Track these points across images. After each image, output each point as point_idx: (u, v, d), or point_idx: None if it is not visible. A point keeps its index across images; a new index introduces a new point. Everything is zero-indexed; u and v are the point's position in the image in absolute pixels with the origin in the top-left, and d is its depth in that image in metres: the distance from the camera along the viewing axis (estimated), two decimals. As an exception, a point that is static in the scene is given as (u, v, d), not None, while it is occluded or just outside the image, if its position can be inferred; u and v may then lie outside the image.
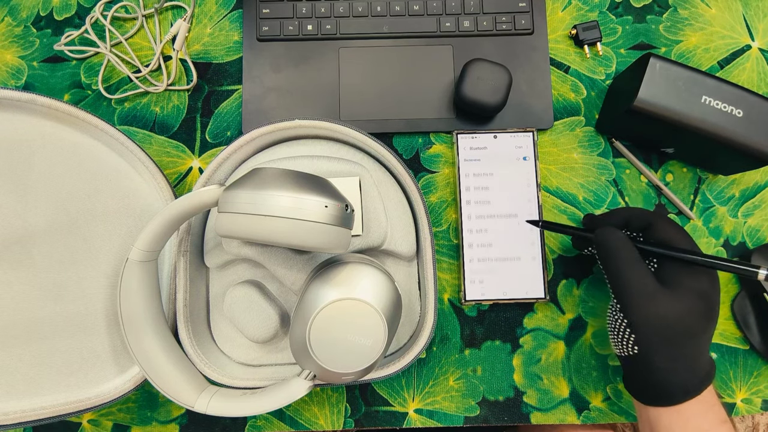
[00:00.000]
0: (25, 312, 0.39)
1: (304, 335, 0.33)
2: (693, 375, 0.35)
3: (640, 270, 0.36)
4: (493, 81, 0.46)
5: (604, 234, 0.38)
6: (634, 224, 0.40)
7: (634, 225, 0.40)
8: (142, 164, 0.42)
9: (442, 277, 0.48)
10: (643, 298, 0.35)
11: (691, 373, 0.35)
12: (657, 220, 0.38)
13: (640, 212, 0.40)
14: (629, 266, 0.36)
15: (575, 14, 0.52)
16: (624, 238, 0.37)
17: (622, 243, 0.37)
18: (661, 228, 0.38)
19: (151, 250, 0.37)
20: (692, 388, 0.35)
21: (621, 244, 0.37)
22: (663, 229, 0.38)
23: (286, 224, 0.30)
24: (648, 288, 0.35)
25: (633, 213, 0.40)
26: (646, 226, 0.39)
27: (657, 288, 0.35)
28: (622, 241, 0.37)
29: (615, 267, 0.37)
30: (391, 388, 0.46)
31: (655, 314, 0.35)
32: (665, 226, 0.38)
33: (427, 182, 0.49)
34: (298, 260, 0.40)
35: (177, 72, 0.50)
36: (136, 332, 0.37)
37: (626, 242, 0.37)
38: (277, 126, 0.42)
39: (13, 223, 0.39)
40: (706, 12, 0.52)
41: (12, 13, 0.51)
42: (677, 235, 0.37)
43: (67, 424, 0.46)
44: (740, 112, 0.42)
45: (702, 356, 0.36)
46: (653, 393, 0.37)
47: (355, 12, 0.50)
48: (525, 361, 0.47)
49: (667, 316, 0.34)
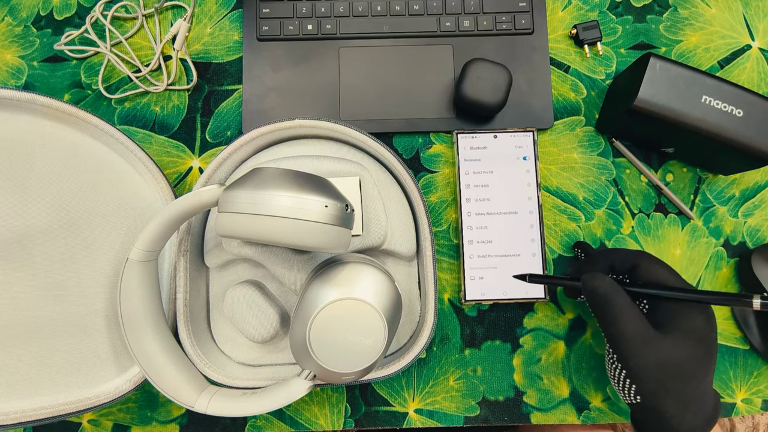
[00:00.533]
0: (25, 312, 0.39)
1: (304, 335, 0.33)
2: (700, 416, 0.34)
3: (633, 317, 0.34)
4: (493, 81, 0.46)
5: (592, 282, 0.36)
6: (619, 267, 0.39)
7: (619, 267, 0.39)
8: (142, 164, 0.42)
9: (442, 277, 0.48)
10: (640, 347, 0.34)
11: (699, 415, 0.34)
12: (641, 260, 0.37)
13: (624, 254, 0.39)
14: (621, 314, 0.34)
15: (575, 14, 0.52)
16: (612, 284, 0.36)
17: (611, 289, 0.35)
18: (646, 268, 0.37)
19: (151, 250, 0.37)
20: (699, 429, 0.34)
21: (610, 291, 0.35)
22: (649, 268, 0.37)
23: (286, 224, 0.30)
24: (644, 335, 0.34)
25: (617, 255, 0.39)
26: (632, 268, 0.38)
27: (653, 334, 0.34)
28: (611, 287, 0.35)
29: (607, 315, 0.35)
30: (391, 388, 0.46)
31: (653, 363, 0.33)
32: (651, 266, 0.37)
33: (427, 182, 0.49)
34: (298, 260, 0.40)
35: (177, 72, 0.50)
36: (136, 332, 0.37)
37: (615, 288, 0.35)
38: (277, 126, 0.42)
39: (13, 223, 0.39)
40: (706, 12, 0.52)
41: (12, 13, 0.51)
42: (664, 273, 0.36)
43: (67, 424, 0.46)
44: (740, 112, 0.42)
45: (707, 395, 0.35)
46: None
47: (355, 12, 0.50)
48: (525, 361, 0.47)
49: (666, 363, 0.33)
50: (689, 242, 0.48)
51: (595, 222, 0.48)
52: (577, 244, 0.47)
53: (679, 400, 0.34)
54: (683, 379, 0.33)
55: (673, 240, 0.48)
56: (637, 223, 0.48)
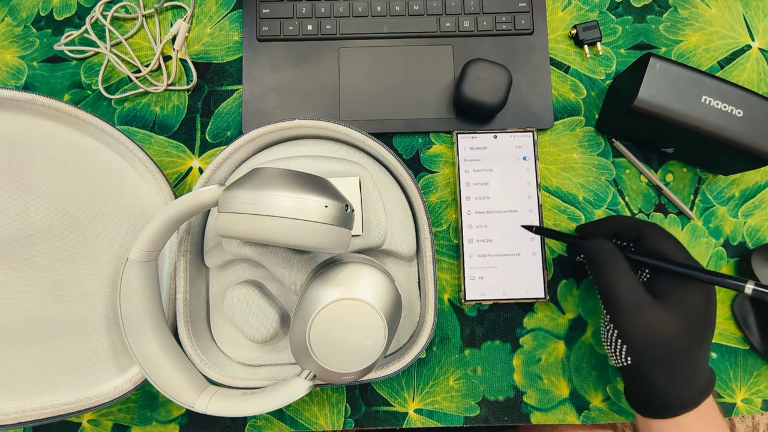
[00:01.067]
0: (25, 312, 0.39)
1: (304, 335, 0.33)
2: (690, 388, 0.35)
3: (630, 282, 0.35)
4: (493, 81, 0.46)
5: (594, 245, 0.37)
6: (626, 234, 0.39)
7: (625, 235, 0.39)
8: (142, 164, 0.42)
9: (442, 277, 0.48)
10: (632, 310, 0.34)
11: (689, 386, 0.35)
12: (649, 230, 0.38)
13: (631, 222, 0.39)
14: (618, 277, 0.35)
15: (575, 14, 0.52)
16: (613, 249, 0.37)
17: (611, 254, 0.36)
18: (652, 239, 0.37)
19: (151, 250, 0.37)
20: (690, 401, 0.35)
21: (610, 255, 0.36)
22: (655, 240, 0.37)
23: (286, 224, 0.30)
24: (637, 299, 0.35)
25: (625, 223, 0.39)
26: (638, 237, 0.38)
27: (647, 300, 0.35)
28: (612, 252, 0.36)
29: (604, 278, 0.36)
30: (391, 388, 0.46)
31: (644, 326, 0.34)
32: (657, 237, 0.37)
33: (427, 182, 0.49)
34: (298, 260, 0.40)
35: (177, 72, 0.50)
36: (136, 332, 0.37)
37: (616, 253, 0.36)
38: (277, 126, 0.42)
39: (13, 223, 0.39)
40: (706, 12, 0.52)
41: (12, 13, 0.51)
42: (670, 246, 0.37)
43: (67, 424, 0.46)
44: (740, 112, 0.42)
45: (699, 368, 0.35)
46: (652, 405, 0.36)
47: (355, 12, 0.50)
48: (525, 361, 0.47)
49: (658, 329, 0.34)
50: (689, 242, 0.48)
51: (595, 222, 0.48)
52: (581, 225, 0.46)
53: (667, 369, 0.34)
54: (672, 349, 0.34)
55: (673, 240, 0.48)
56: (637, 223, 0.48)
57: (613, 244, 0.37)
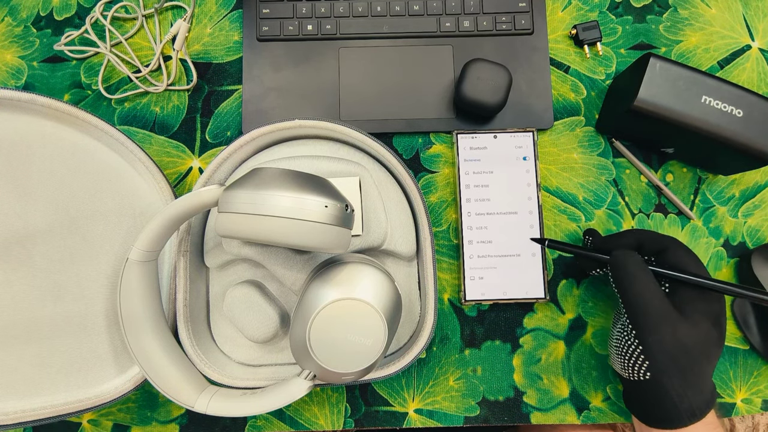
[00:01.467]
0: (25, 312, 0.39)
1: (304, 335, 0.33)
2: (699, 399, 0.35)
3: (659, 296, 0.36)
4: (493, 81, 0.46)
5: (622, 257, 0.38)
6: (648, 247, 0.39)
7: (647, 248, 0.39)
8: (142, 164, 0.42)
9: (442, 277, 0.48)
10: (661, 324, 0.35)
11: (698, 396, 0.35)
12: (671, 244, 0.38)
13: (654, 236, 0.40)
14: (648, 291, 0.36)
15: (575, 14, 0.52)
16: (642, 262, 0.37)
17: (640, 267, 0.37)
18: (674, 253, 0.38)
19: (151, 250, 0.37)
20: (698, 412, 0.35)
21: (639, 268, 0.37)
22: (677, 254, 0.38)
23: (286, 224, 0.30)
24: (666, 314, 0.35)
25: (647, 236, 0.40)
26: (661, 251, 0.39)
27: (674, 314, 0.35)
28: (641, 265, 0.37)
29: (633, 291, 0.36)
30: (391, 388, 0.46)
31: (673, 341, 0.35)
32: (679, 252, 0.38)
33: (427, 182, 0.49)
34: (298, 260, 0.40)
35: (177, 72, 0.50)
36: (136, 332, 0.37)
37: (644, 266, 0.37)
38: (277, 126, 0.42)
39: (13, 223, 0.39)
40: (706, 12, 0.52)
41: (12, 13, 0.51)
42: (691, 261, 0.37)
43: (67, 424, 0.46)
44: (740, 112, 0.42)
45: (707, 378, 0.36)
46: (659, 416, 0.36)
47: (355, 12, 0.50)
48: (525, 361, 0.47)
49: (685, 342, 0.34)
50: (689, 242, 0.48)
51: (595, 222, 0.48)
52: (588, 231, 0.46)
53: (686, 378, 0.35)
54: (695, 359, 0.35)
55: (673, 240, 0.48)
56: (637, 223, 0.48)
57: (640, 257, 0.38)
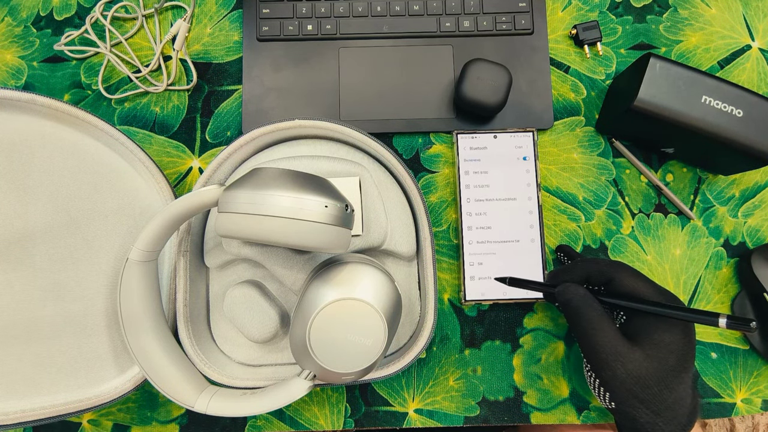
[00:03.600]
0: (25, 312, 0.39)
1: (304, 335, 0.33)
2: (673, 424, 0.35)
3: (606, 329, 0.35)
4: (493, 81, 0.46)
5: (566, 292, 0.37)
6: (595, 279, 0.39)
7: (595, 280, 0.39)
8: (142, 164, 0.42)
9: (442, 277, 0.48)
10: (611, 359, 0.34)
11: (671, 423, 0.35)
12: (617, 273, 0.37)
13: (600, 265, 0.39)
14: (594, 325, 0.35)
15: (575, 14, 0.52)
16: (585, 296, 0.36)
17: (584, 301, 0.36)
18: (622, 281, 0.37)
19: (151, 250, 0.37)
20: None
21: (583, 302, 0.36)
22: (625, 281, 0.37)
23: (286, 224, 0.30)
24: (616, 348, 0.34)
25: (592, 268, 0.39)
26: (608, 281, 0.38)
27: (625, 347, 0.34)
28: (584, 299, 0.36)
29: (579, 327, 0.36)
30: (391, 388, 0.46)
31: (624, 374, 0.34)
32: (627, 279, 0.37)
33: (427, 182, 0.49)
34: (298, 260, 0.40)
35: (177, 72, 0.50)
36: (136, 332, 0.37)
37: (588, 299, 0.36)
38: (277, 126, 0.42)
39: (13, 223, 0.39)
40: (706, 12, 0.52)
41: (12, 13, 0.51)
42: (641, 286, 0.36)
43: (67, 424, 0.46)
44: (740, 112, 0.42)
45: (681, 403, 0.35)
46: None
47: (355, 12, 0.50)
48: (525, 361, 0.47)
49: (638, 374, 0.34)
50: (689, 242, 0.48)
51: (595, 222, 0.48)
52: (560, 248, 0.47)
53: (650, 408, 0.34)
54: (654, 389, 0.34)
55: (673, 240, 0.48)
56: (637, 223, 0.48)
57: (585, 290, 0.37)
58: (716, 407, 0.46)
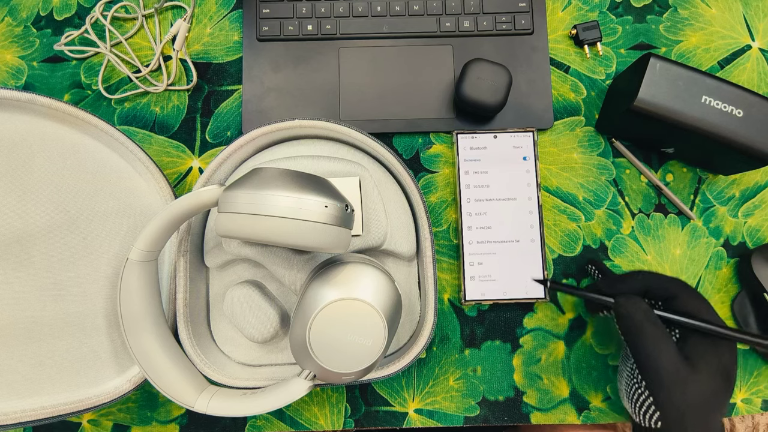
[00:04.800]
0: (25, 312, 0.39)
1: (304, 335, 0.33)
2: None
3: (669, 350, 0.34)
4: (493, 81, 0.46)
5: (627, 305, 0.36)
6: (656, 293, 0.38)
7: (655, 294, 0.38)
8: (142, 164, 0.42)
9: (442, 277, 0.48)
10: (671, 382, 0.34)
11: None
12: (681, 291, 0.37)
13: (662, 280, 0.38)
14: (658, 345, 0.34)
15: (575, 14, 0.52)
16: (649, 312, 0.35)
17: (647, 318, 0.35)
18: (685, 300, 0.36)
19: (151, 250, 0.37)
20: None
21: (646, 319, 0.35)
22: (688, 301, 0.36)
23: (286, 224, 0.30)
24: (676, 371, 0.34)
25: (655, 281, 0.38)
26: (670, 297, 0.37)
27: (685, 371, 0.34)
28: (648, 315, 0.35)
29: (642, 344, 0.35)
30: (391, 388, 0.46)
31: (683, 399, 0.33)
32: (690, 298, 0.36)
33: (427, 182, 0.49)
34: (298, 260, 0.40)
35: (177, 72, 0.50)
36: (136, 332, 0.37)
37: (651, 316, 0.35)
38: (277, 126, 0.42)
39: (13, 223, 0.39)
40: (706, 12, 0.52)
41: (12, 13, 0.51)
42: (702, 307, 0.36)
43: (67, 424, 0.46)
44: (740, 112, 0.42)
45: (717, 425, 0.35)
46: None
47: (355, 12, 0.50)
48: (525, 361, 0.47)
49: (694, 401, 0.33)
50: (689, 242, 0.48)
51: (595, 222, 0.48)
52: (591, 261, 0.46)
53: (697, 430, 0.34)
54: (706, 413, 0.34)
55: (673, 240, 0.48)
56: (637, 223, 0.48)
57: (647, 305, 0.36)
58: None
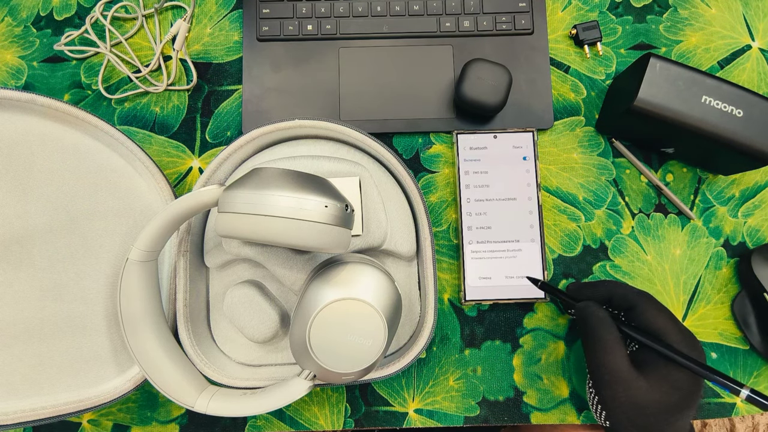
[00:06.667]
0: (26, 312, 0.39)
1: (304, 335, 0.33)
2: None
3: (617, 353, 0.35)
4: (493, 81, 0.46)
5: (586, 310, 0.38)
6: (617, 303, 0.39)
7: (617, 303, 0.39)
8: (142, 164, 0.42)
9: (442, 277, 0.48)
10: (615, 383, 0.35)
11: None
12: (642, 303, 0.37)
13: (626, 292, 0.39)
14: (606, 348, 0.35)
15: (575, 14, 0.52)
16: (604, 318, 0.37)
17: (601, 322, 0.37)
18: (645, 312, 0.37)
19: (151, 250, 0.37)
20: None
21: (601, 324, 0.36)
22: (647, 313, 0.37)
23: (286, 224, 0.30)
24: (622, 374, 0.35)
25: (617, 291, 0.39)
26: (630, 308, 0.38)
27: (631, 375, 0.35)
28: (603, 321, 0.37)
29: (592, 346, 0.36)
30: (391, 388, 0.46)
31: (625, 401, 0.34)
32: (650, 311, 0.37)
33: (427, 182, 0.49)
34: (298, 260, 0.40)
35: (177, 72, 0.50)
36: (136, 332, 0.37)
37: (606, 322, 0.37)
38: (277, 126, 0.42)
39: (13, 223, 0.39)
40: (706, 12, 0.52)
41: (12, 13, 0.51)
42: (662, 321, 0.36)
43: (67, 424, 0.46)
44: (740, 112, 0.42)
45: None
46: None
47: (355, 12, 0.50)
48: (525, 361, 0.47)
49: (639, 402, 0.34)
50: (689, 242, 0.48)
51: (595, 222, 0.48)
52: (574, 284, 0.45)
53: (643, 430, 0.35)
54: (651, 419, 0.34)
55: (673, 240, 0.48)
56: (637, 223, 0.48)
57: (605, 312, 0.37)
58: (716, 407, 0.46)
